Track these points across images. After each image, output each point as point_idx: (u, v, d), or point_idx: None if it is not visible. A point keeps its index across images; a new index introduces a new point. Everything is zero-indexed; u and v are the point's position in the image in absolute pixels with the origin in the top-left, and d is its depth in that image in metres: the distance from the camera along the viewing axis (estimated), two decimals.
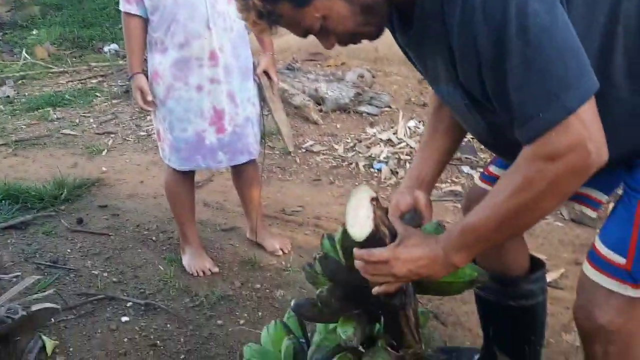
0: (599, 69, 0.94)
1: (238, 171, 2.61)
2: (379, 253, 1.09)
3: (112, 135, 4.70)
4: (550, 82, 0.91)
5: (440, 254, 1.08)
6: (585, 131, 0.92)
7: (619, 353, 1.17)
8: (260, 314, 2.25)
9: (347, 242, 1.15)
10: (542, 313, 1.66)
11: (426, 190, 1.38)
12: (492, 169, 1.51)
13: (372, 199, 1.08)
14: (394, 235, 1.12)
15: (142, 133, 4.71)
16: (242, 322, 2.19)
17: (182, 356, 2.00)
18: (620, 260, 1.13)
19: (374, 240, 1.09)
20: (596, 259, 1.17)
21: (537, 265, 1.62)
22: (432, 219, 1.36)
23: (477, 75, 0.99)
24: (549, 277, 2.33)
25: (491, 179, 1.50)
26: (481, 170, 3.12)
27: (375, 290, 1.16)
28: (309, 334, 1.56)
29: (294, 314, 1.61)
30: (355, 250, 1.12)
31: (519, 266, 1.59)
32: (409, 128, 4.23)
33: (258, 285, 2.45)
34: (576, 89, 0.91)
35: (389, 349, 1.27)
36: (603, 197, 1.31)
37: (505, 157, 1.40)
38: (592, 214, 1.39)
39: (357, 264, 1.13)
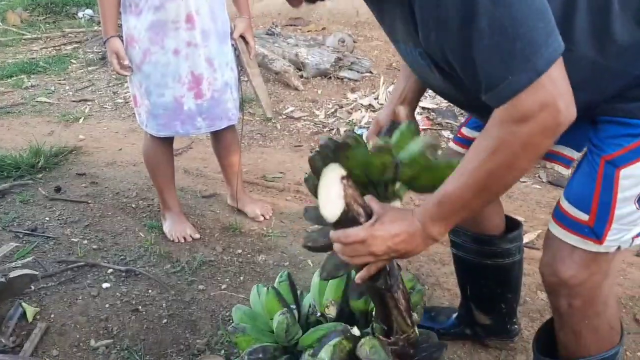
0: (561, 27, 0.93)
1: (217, 137, 2.59)
2: (354, 233, 1.06)
3: (89, 103, 4.62)
4: (519, 44, 0.89)
5: (419, 228, 1.05)
6: (555, 90, 0.91)
7: (582, 306, 1.21)
8: (242, 278, 2.26)
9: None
10: (519, 272, 1.70)
11: (408, 106, 1.39)
12: (465, 131, 1.52)
13: (343, 178, 1.06)
14: (369, 215, 1.09)
15: (120, 100, 4.63)
16: (223, 286, 2.21)
17: (164, 320, 2.01)
18: (583, 216, 1.15)
19: (347, 219, 1.06)
20: (560, 216, 1.19)
21: (514, 225, 1.65)
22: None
23: (441, 39, 0.96)
24: (526, 238, 2.37)
25: (464, 141, 1.50)
26: None
27: (358, 276, 1.14)
28: (299, 296, 1.58)
29: (284, 279, 1.62)
30: (332, 233, 1.09)
31: (495, 226, 1.62)
32: (390, 93, 4.21)
33: (239, 251, 2.45)
34: (545, 51, 0.90)
35: (381, 337, 1.27)
36: (574, 154, 1.33)
37: (472, 112, 1.40)
38: (564, 171, 1.41)
39: (335, 246, 1.10)
